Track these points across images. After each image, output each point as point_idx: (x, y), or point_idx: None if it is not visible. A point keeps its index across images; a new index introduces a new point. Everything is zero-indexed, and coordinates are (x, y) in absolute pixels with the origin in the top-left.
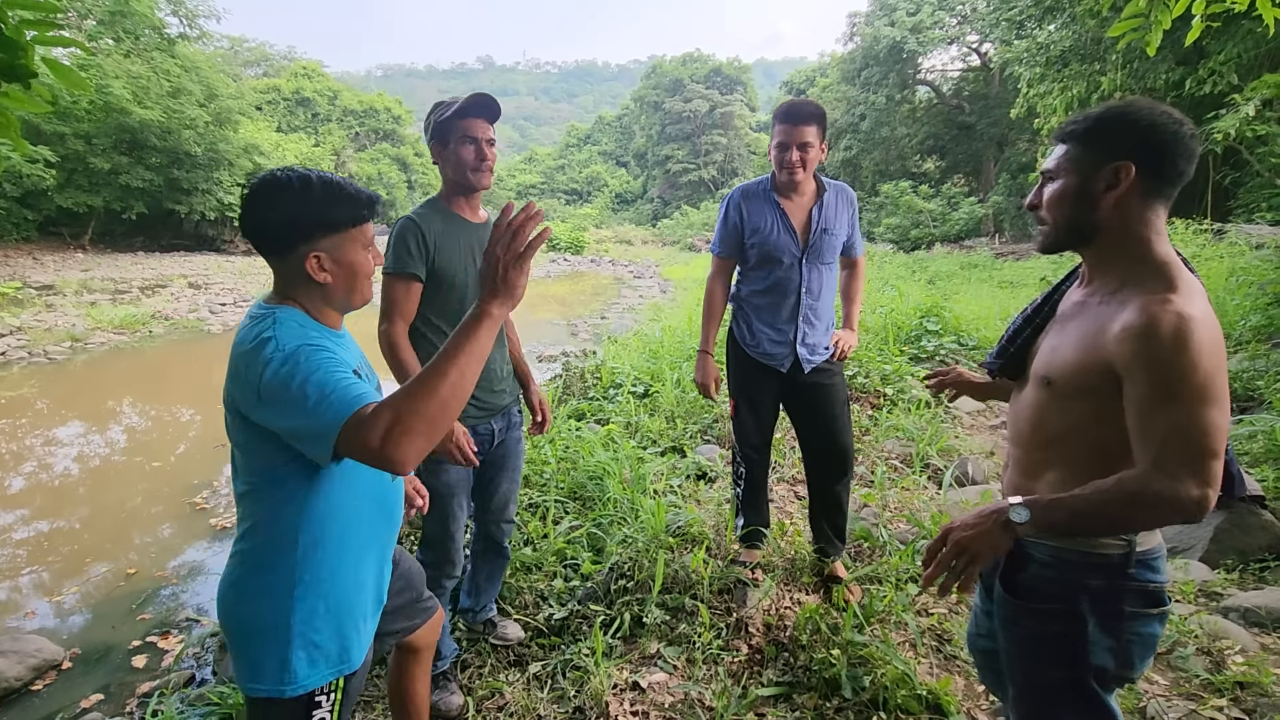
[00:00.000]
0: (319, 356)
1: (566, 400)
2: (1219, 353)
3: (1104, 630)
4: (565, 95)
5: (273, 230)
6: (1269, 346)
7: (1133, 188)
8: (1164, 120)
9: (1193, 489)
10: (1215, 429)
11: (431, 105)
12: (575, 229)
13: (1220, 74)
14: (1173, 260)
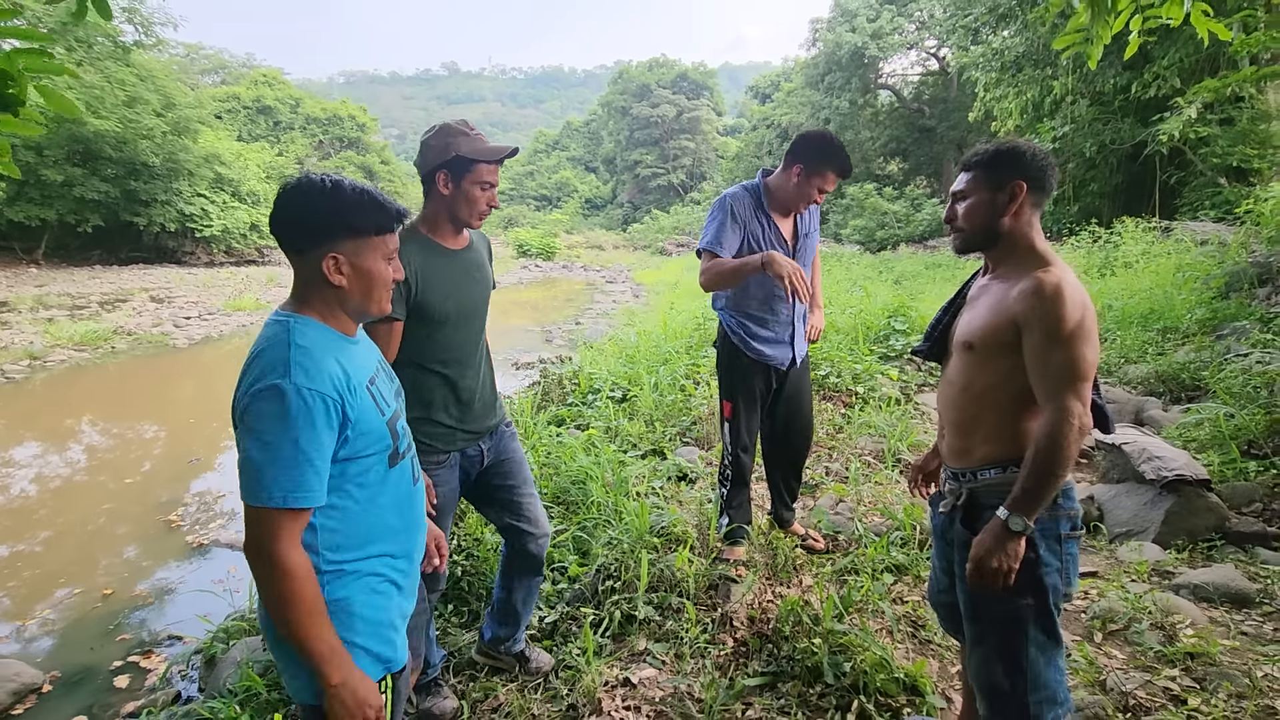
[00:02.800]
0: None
1: (546, 407)
2: (1087, 307)
3: (1052, 553)
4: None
5: (296, 226)
6: (1213, 338)
7: (1025, 200)
8: (1038, 151)
9: (1075, 405)
10: (1086, 361)
11: (435, 127)
12: (546, 235)
13: (1164, 78)
14: (1048, 249)
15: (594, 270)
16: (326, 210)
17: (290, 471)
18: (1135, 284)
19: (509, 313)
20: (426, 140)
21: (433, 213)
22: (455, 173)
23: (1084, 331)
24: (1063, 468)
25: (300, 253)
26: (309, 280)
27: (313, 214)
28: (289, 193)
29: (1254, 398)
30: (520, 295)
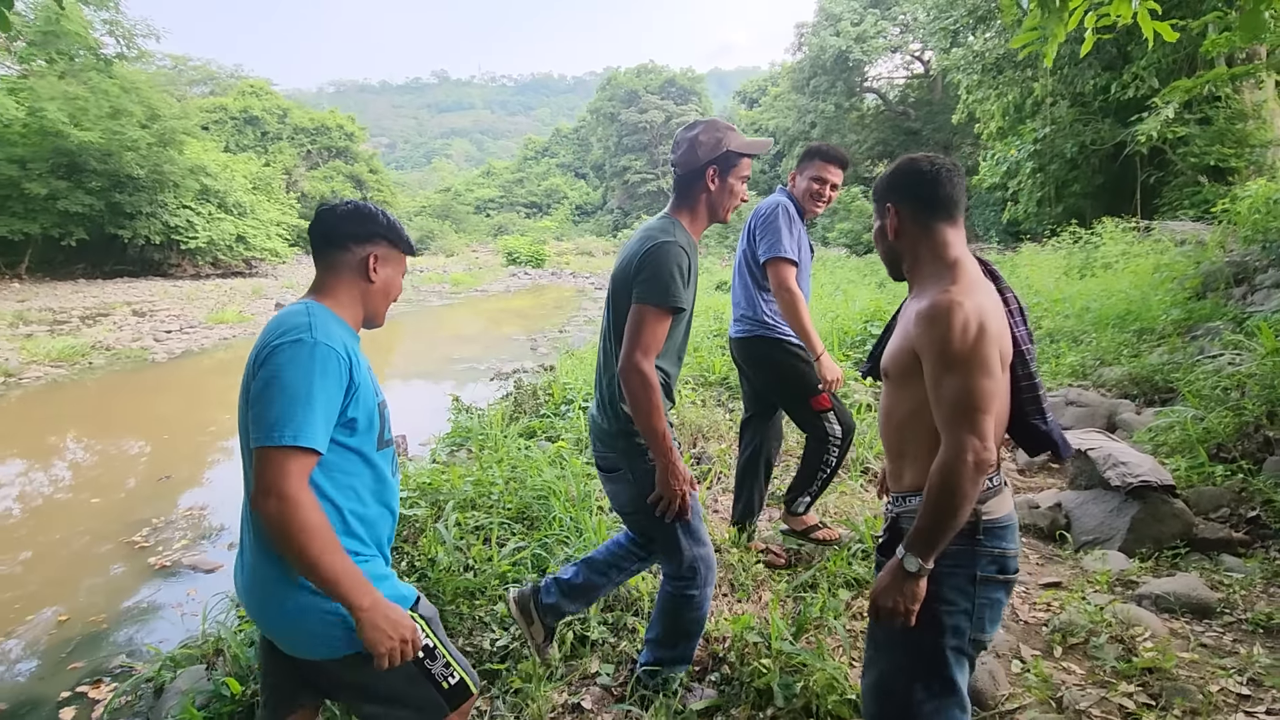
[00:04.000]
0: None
1: (518, 418)
2: (986, 331)
3: (960, 592)
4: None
5: (349, 229)
6: (1187, 340)
7: (904, 220)
8: (911, 167)
9: (969, 439)
10: (980, 391)
11: (701, 123)
12: (535, 242)
13: (1142, 79)
14: (960, 263)
15: (583, 277)
16: (375, 223)
17: (303, 413)
18: (1114, 285)
19: (496, 321)
20: (695, 136)
21: (694, 206)
22: (724, 167)
23: (978, 358)
24: (958, 508)
25: (347, 248)
26: (343, 273)
27: (369, 220)
28: (352, 204)
29: (1223, 400)
30: (508, 303)
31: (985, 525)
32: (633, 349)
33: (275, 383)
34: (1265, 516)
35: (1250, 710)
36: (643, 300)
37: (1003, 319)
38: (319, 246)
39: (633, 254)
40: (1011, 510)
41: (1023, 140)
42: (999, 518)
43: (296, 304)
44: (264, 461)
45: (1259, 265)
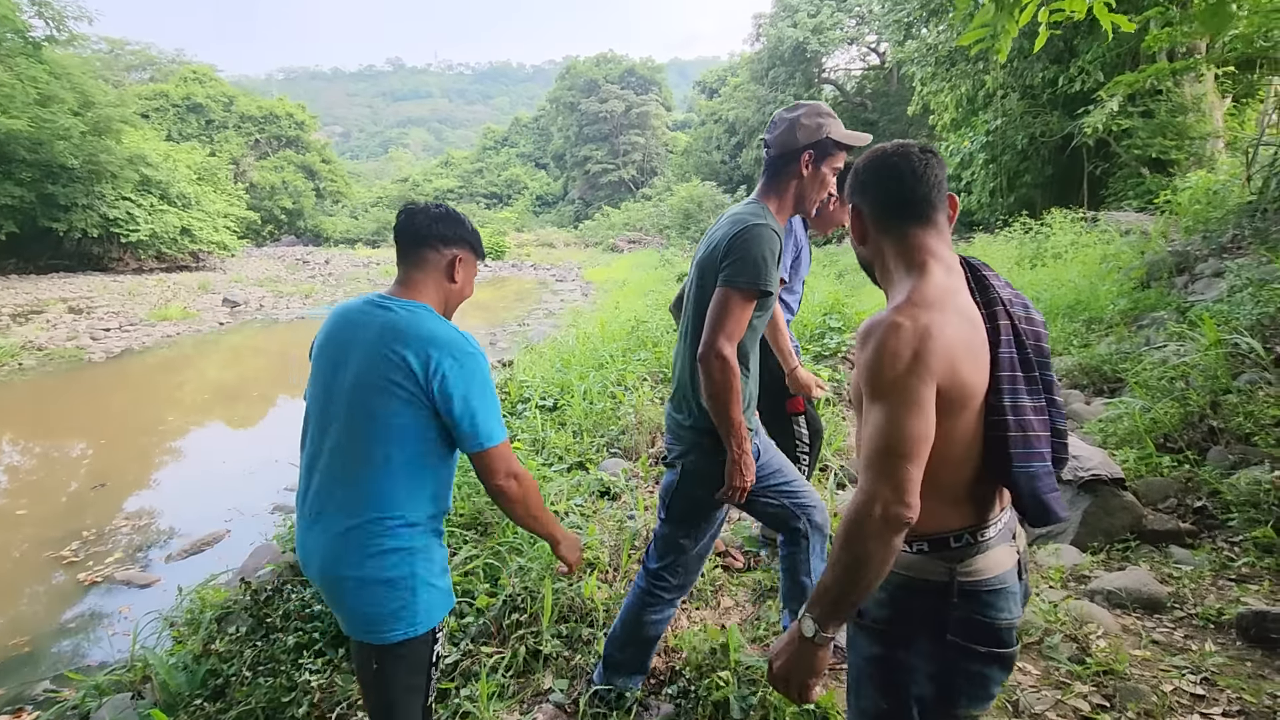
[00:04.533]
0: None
1: None
2: (922, 360)
3: (924, 656)
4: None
5: (439, 231)
6: (1134, 329)
7: (867, 222)
8: (879, 160)
9: (881, 488)
10: (903, 432)
11: (802, 106)
12: (495, 233)
13: (1088, 72)
14: (925, 272)
15: (544, 269)
16: (465, 226)
17: (497, 412)
18: (1063, 275)
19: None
20: (796, 118)
21: (783, 193)
22: (820, 155)
23: (902, 391)
24: (858, 569)
25: (436, 250)
26: (430, 271)
27: (457, 224)
28: (443, 208)
29: (1168, 391)
30: None
31: (962, 586)
32: (715, 333)
33: (478, 397)
34: (1211, 507)
35: (1205, 711)
36: (729, 283)
37: (967, 343)
38: (407, 245)
39: (721, 238)
40: (1007, 572)
41: (975, 132)
42: (984, 580)
43: (415, 306)
44: (495, 457)
45: (1199, 255)
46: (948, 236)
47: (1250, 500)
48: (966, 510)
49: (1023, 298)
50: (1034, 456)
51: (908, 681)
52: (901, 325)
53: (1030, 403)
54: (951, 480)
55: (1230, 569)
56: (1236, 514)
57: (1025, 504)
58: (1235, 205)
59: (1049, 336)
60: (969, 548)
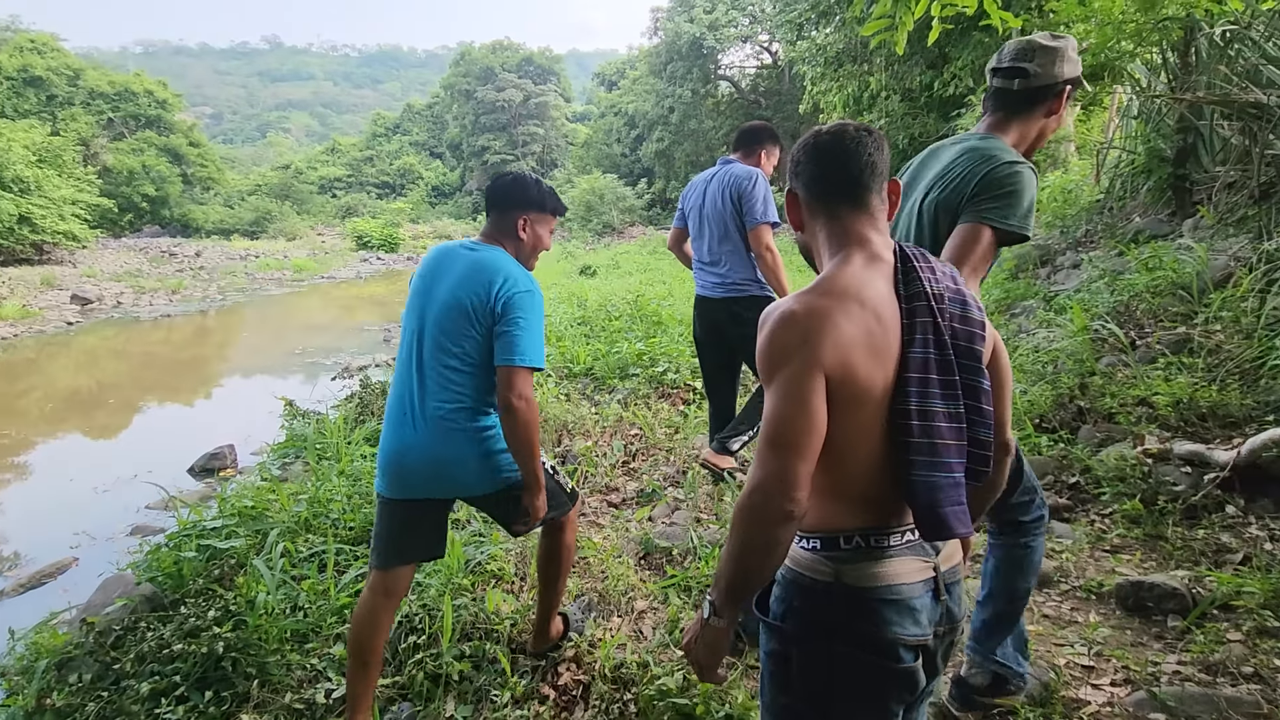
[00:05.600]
0: (541, 309)
1: (364, 421)
2: (810, 348)
3: (815, 657)
4: (369, 81)
5: (506, 197)
6: (1008, 318)
7: (800, 205)
8: (809, 140)
9: (764, 476)
10: (783, 421)
11: (1067, 39)
12: (388, 225)
13: (959, 77)
14: (845, 258)
15: None
16: (531, 191)
17: (539, 344)
18: None
19: (347, 310)
20: (1063, 47)
21: (1027, 128)
22: (1068, 94)
23: (783, 380)
24: (742, 554)
25: (506, 212)
26: (505, 230)
27: (524, 188)
28: (512, 176)
29: (1042, 374)
30: (360, 290)
31: (849, 590)
32: (962, 268)
33: (521, 324)
34: (1084, 483)
35: (1095, 683)
36: (989, 219)
37: (867, 337)
38: (489, 208)
39: (964, 172)
40: (906, 585)
41: None
42: (872, 587)
43: (495, 251)
44: (519, 376)
45: (1059, 248)
46: (882, 222)
47: (1118, 475)
48: (861, 512)
49: (964, 295)
50: (939, 466)
51: (803, 681)
52: (794, 313)
53: (944, 408)
54: (848, 479)
55: (1105, 541)
56: (1107, 489)
57: (919, 515)
58: (1087, 203)
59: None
60: (859, 551)
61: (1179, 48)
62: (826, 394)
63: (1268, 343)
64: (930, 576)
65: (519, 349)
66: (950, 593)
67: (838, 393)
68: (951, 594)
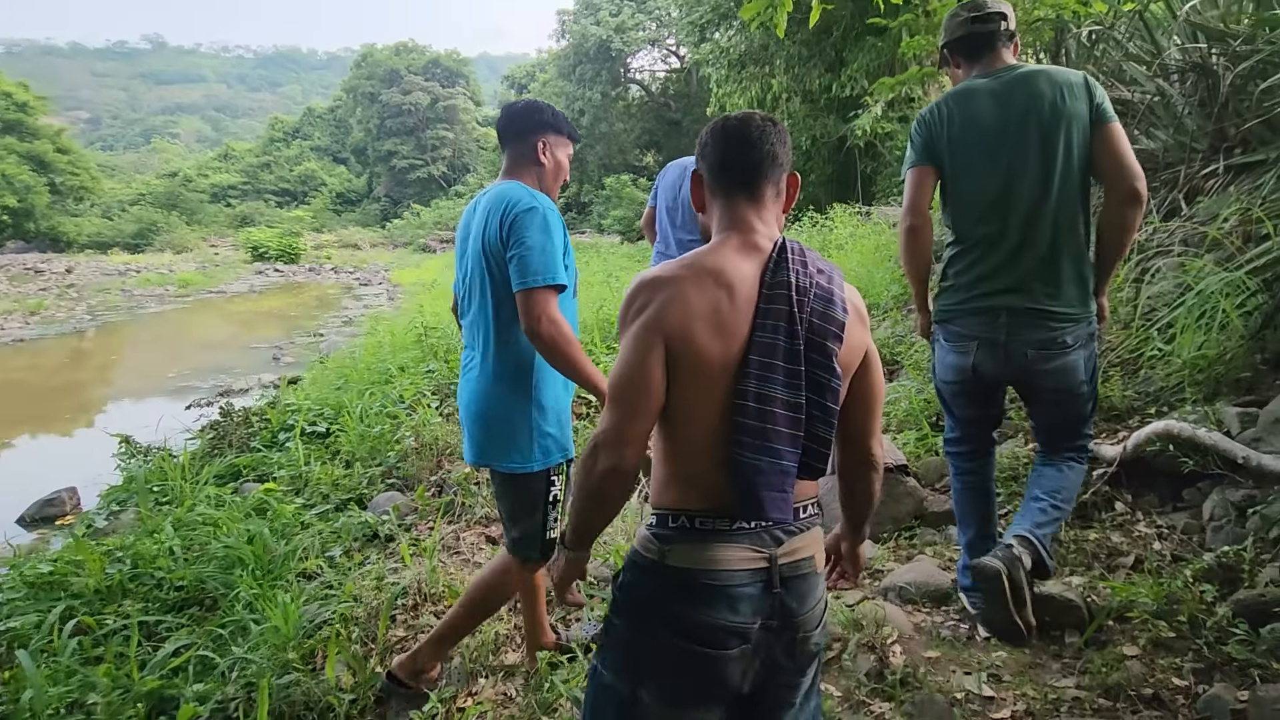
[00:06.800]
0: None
1: (221, 454)
2: (650, 311)
3: (626, 630)
4: (266, 84)
5: (522, 123)
6: (905, 313)
7: (702, 189)
8: (712, 125)
9: (603, 426)
10: (617, 376)
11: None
12: (287, 234)
13: (855, 79)
14: (718, 239)
15: (346, 272)
16: (546, 113)
17: (553, 260)
18: (846, 265)
19: (239, 326)
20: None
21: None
22: None
23: (627, 336)
24: (581, 498)
25: (522, 138)
26: (523, 160)
27: (536, 112)
28: (524, 101)
29: None
30: (253, 305)
31: (667, 571)
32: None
33: (525, 240)
34: None
35: (995, 716)
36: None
37: (713, 312)
38: (504, 141)
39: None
40: (729, 572)
41: None
42: (690, 569)
43: (506, 185)
44: (531, 301)
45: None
46: (773, 213)
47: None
48: (694, 494)
49: (832, 294)
50: (767, 451)
51: (618, 654)
52: (647, 279)
53: (784, 396)
54: (686, 456)
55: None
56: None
57: (737, 493)
58: None
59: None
60: (685, 532)
61: (1050, 48)
62: (667, 360)
63: (1144, 333)
64: (761, 567)
65: (530, 269)
66: (789, 587)
67: (677, 361)
68: (790, 589)
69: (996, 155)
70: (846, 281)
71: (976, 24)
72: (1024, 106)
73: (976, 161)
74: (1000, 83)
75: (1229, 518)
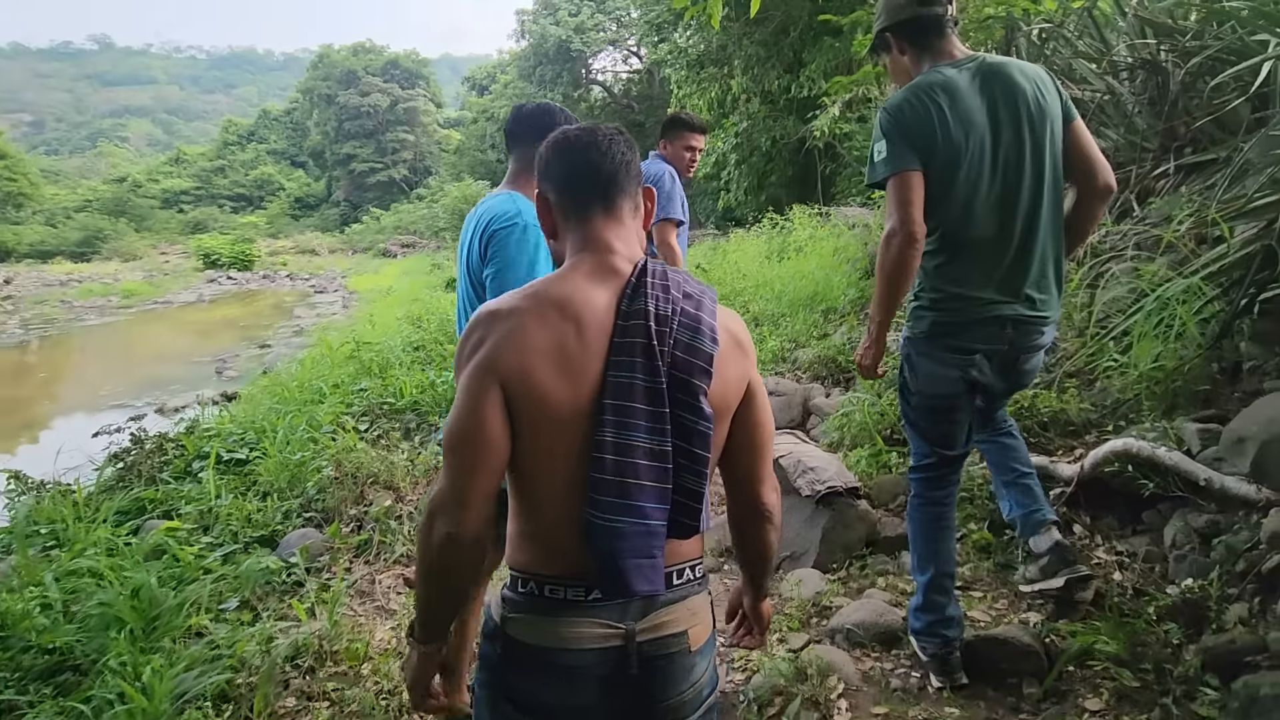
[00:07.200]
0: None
1: (127, 487)
2: (484, 351)
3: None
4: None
5: (531, 127)
6: (862, 318)
7: (550, 211)
8: (555, 141)
9: (440, 492)
10: (451, 427)
11: None
12: (240, 240)
13: (813, 80)
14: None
15: (302, 279)
16: (557, 118)
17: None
18: (805, 267)
19: (184, 338)
20: None
21: None
22: None
23: (463, 384)
24: (421, 576)
25: (530, 144)
26: (529, 166)
27: (546, 116)
28: (535, 105)
29: (891, 381)
30: (203, 315)
31: (509, 641)
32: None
33: (496, 259)
34: None
35: None
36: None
37: (559, 350)
38: (511, 144)
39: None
40: (571, 649)
41: (726, 134)
42: (529, 645)
43: (502, 193)
44: None
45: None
46: (633, 231)
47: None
48: (548, 556)
49: (699, 322)
50: (628, 510)
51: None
52: (484, 312)
53: (647, 444)
54: (537, 515)
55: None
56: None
57: (595, 564)
58: None
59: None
60: (531, 599)
61: (1001, 46)
62: (508, 406)
63: (1100, 342)
64: (616, 645)
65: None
66: (650, 669)
67: (518, 406)
68: (652, 671)
69: (995, 154)
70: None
71: (924, 6)
72: (1011, 102)
73: (975, 161)
74: (973, 74)
75: (1192, 545)
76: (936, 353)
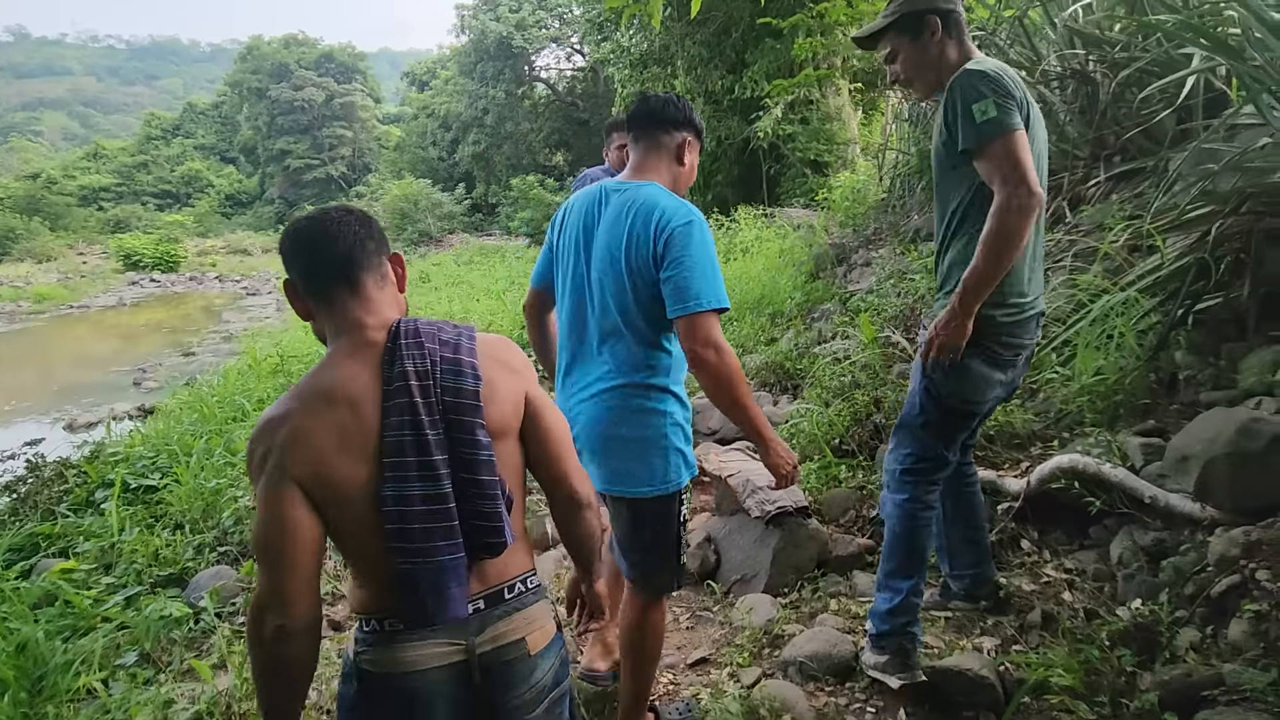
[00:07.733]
0: (710, 239)
1: (20, 521)
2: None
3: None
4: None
5: (673, 117)
6: (809, 322)
7: (300, 297)
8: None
9: (261, 597)
10: (259, 535)
11: None
12: (165, 240)
13: (756, 81)
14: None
15: (232, 281)
16: (690, 110)
17: (716, 281)
18: (752, 269)
19: (102, 346)
20: None
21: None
22: None
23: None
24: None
25: (669, 133)
26: (662, 155)
27: (684, 108)
28: (665, 94)
29: (840, 390)
30: (123, 320)
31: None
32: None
33: (684, 260)
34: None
35: None
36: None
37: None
38: (641, 128)
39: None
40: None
41: None
42: (383, 674)
43: (647, 186)
44: (693, 323)
45: (852, 246)
46: (384, 300)
47: None
48: (382, 596)
49: (459, 364)
50: (421, 552)
51: None
52: (265, 422)
53: (421, 490)
54: (364, 566)
55: None
56: None
57: (400, 600)
58: (874, 202)
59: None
60: (377, 635)
61: None
62: (309, 498)
63: (1041, 353)
64: (457, 661)
65: (692, 292)
66: (493, 676)
67: (319, 495)
68: (494, 677)
69: (1044, 145)
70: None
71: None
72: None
73: (1039, 149)
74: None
75: (1140, 564)
76: (988, 354)
